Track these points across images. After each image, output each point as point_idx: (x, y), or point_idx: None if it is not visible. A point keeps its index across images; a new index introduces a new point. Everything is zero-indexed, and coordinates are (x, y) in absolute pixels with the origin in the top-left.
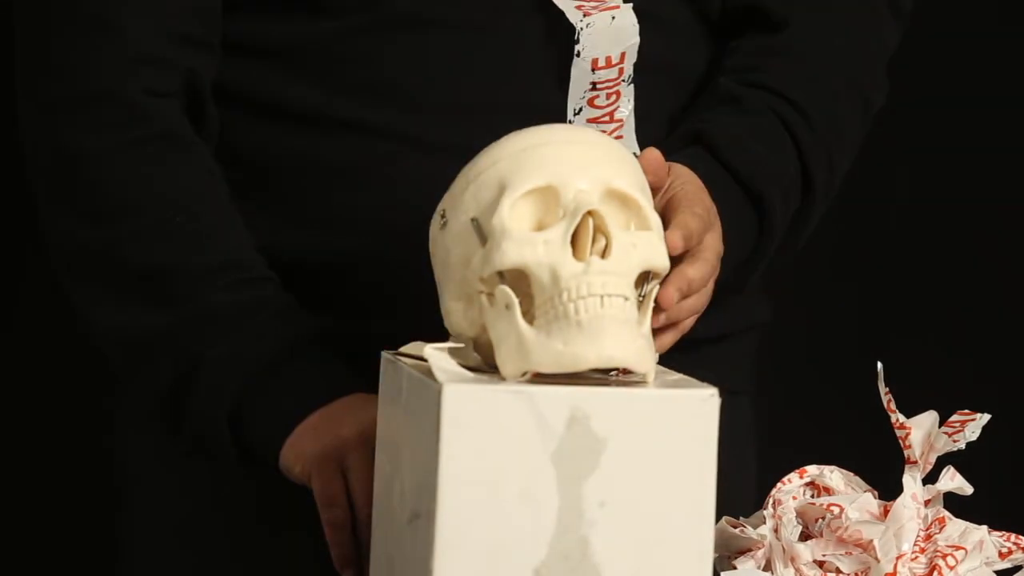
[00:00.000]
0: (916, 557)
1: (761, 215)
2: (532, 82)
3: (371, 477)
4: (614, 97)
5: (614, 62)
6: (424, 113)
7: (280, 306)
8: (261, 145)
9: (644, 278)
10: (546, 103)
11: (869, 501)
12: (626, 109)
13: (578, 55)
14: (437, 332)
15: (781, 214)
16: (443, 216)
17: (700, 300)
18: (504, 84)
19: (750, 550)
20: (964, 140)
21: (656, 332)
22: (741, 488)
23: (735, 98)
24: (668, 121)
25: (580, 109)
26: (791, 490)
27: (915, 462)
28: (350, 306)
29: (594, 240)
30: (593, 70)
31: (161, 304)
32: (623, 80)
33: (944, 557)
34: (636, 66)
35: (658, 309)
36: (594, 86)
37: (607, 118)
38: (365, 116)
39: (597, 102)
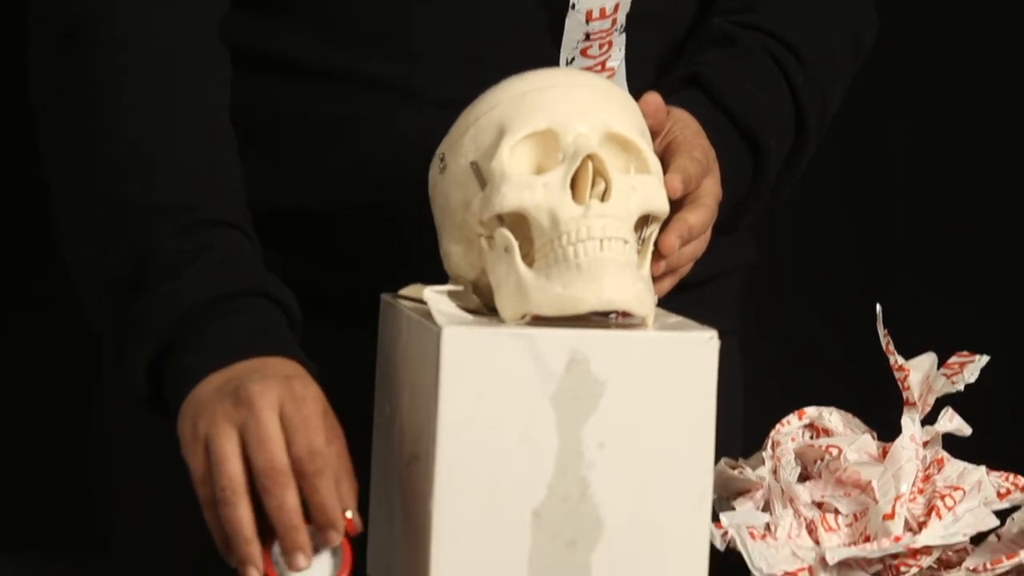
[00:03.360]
0: (914, 498)
1: (757, 157)
2: (525, 33)
3: (272, 445)
4: (606, 47)
5: (608, 13)
6: (417, 65)
7: (222, 258)
8: (254, 97)
9: (643, 221)
10: (538, 54)
11: (868, 442)
12: (617, 58)
13: (573, 7)
14: (434, 281)
15: (776, 155)
16: (442, 160)
17: (700, 246)
18: (496, 36)
19: (749, 491)
20: (965, 82)
21: (655, 278)
22: (729, 428)
23: (729, 39)
24: (658, 68)
25: (572, 59)
26: (790, 431)
27: (914, 404)
28: (346, 255)
29: (593, 184)
30: (587, 21)
31: (115, 242)
32: (615, 30)
33: (942, 498)
34: (627, 15)
35: (659, 256)
36: (587, 36)
37: (599, 67)
38: (358, 68)
39: (590, 52)
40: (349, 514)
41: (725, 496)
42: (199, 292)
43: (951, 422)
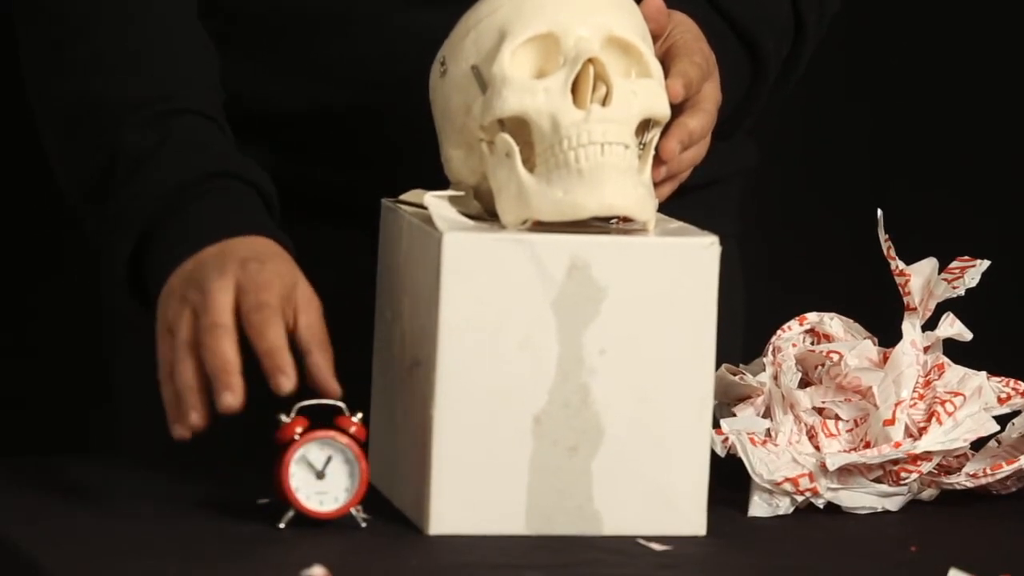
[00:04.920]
0: (915, 403)
1: (755, 60)
2: None
3: (218, 307)
4: None
5: None
6: None
7: (179, 146)
8: None
9: (644, 126)
10: None
11: (868, 348)
12: None
13: None
14: (434, 183)
15: (775, 59)
16: (443, 64)
17: (700, 151)
18: None
19: (750, 397)
20: None
21: (655, 183)
22: (729, 331)
23: None
24: None
25: None
26: (791, 337)
27: (914, 309)
28: (346, 155)
29: (595, 88)
30: None
31: (87, 141)
32: None
33: (943, 403)
34: None
35: (659, 161)
36: None
37: None
38: None
39: None
40: (358, 418)
41: (726, 402)
42: (162, 183)
43: (952, 327)
